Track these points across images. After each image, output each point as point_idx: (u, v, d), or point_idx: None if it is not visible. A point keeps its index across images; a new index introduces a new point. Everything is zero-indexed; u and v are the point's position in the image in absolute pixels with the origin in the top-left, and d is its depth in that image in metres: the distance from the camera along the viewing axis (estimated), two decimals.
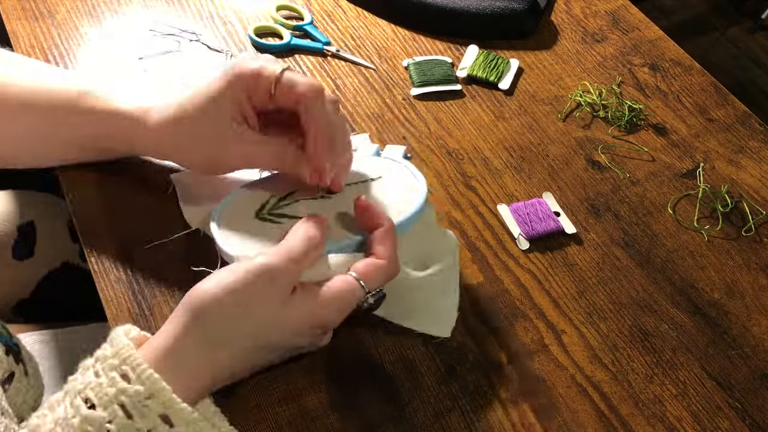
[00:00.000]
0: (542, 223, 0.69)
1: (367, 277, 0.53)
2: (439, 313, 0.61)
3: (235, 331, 0.48)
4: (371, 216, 0.55)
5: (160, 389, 0.44)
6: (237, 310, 0.48)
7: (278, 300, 0.50)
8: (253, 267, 0.49)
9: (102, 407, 0.44)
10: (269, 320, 0.50)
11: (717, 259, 0.69)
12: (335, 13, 0.88)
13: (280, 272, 0.49)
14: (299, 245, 0.51)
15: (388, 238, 0.54)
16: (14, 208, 0.79)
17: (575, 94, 0.81)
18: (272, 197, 0.59)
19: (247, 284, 0.48)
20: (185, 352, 0.47)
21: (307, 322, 0.51)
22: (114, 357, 0.46)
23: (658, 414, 0.59)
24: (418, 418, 0.57)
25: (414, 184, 0.61)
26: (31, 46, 0.79)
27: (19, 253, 0.78)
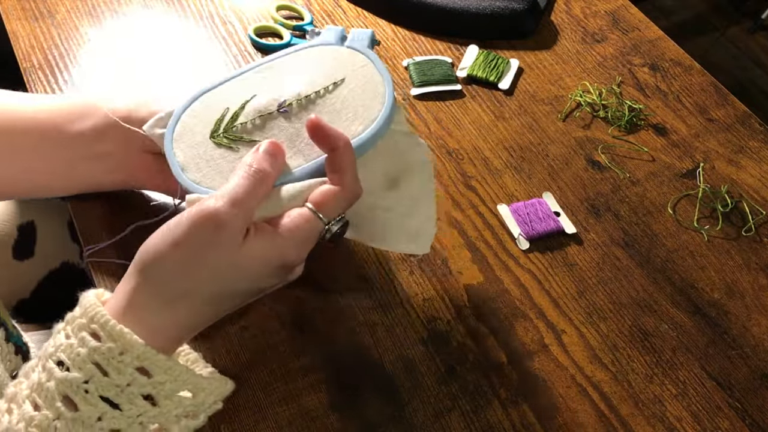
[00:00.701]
0: (542, 223, 0.69)
1: (323, 207, 0.50)
2: (415, 231, 0.58)
3: (188, 283, 0.47)
4: (324, 136, 0.51)
5: (132, 343, 0.43)
6: (185, 263, 0.46)
7: (228, 246, 0.47)
8: (197, 215, 0.46)
9: (77, 368, 0.43)
10: (223, 268, 0.47)
11: (717, 259, 0.69)
12: (335, 13, 0.88)
13: (225, 217, 0.47)
14: (245, 184, 0.48)
15: (344, 160, 0.51)
16: (14, 208, 0.79)
17: (575, 94, 0.81)
18: (227, 110, 0.55)
19: (191, 235, 0.46)
20: (144, 310, 0.46)
21: (266, 264, 0.49)
22: (82, 317, 0.45)
23: (658, 414, 0.59)
24: (418, 418, 0.57)
25: (380, 84, 0.55)
26: (31, 46, 0.79)
27: (19, 253, 0.78)
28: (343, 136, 0.51)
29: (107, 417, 0.43)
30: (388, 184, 0.56)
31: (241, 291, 0.50)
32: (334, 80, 0.56)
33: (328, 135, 0.51)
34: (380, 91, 0.55)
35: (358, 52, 0.58)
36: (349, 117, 0.54)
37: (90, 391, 0.43)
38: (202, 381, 0.47)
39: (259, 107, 0.55)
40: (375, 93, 0.55)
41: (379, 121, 0.54)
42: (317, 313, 0.62)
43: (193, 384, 0.47)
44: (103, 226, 0.65)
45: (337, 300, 0.63)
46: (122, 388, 0.43)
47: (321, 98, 0.55)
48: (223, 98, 0.56)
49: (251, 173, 0.49)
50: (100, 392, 0.43)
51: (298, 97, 0.55)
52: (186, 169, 0.53)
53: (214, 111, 0.55)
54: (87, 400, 0.43)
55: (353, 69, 0.56)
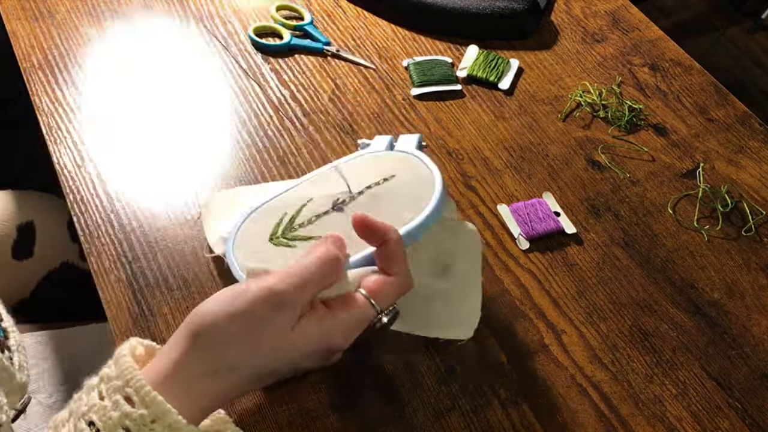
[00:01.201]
0: (542, 223, 0.69)
1: (377, 295, 0.50)
2: (463, 318, 0.58)
3: (237, 357, 0.46)
4: (372, 230, 0.51)
5: (164, 412, 0.43)
6: (239, 336, 0.46)
7: (286, 327, 0.47)
8: (260, 291, 0.46)
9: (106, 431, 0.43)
10: (275, 347, 0.47)
11: (717, 259, 0.69)
12: (335, 13, 0.88)
13: (289, 298, 0.46)
14: (313, 269, 0.48)
15: (395, 252, 0.51)
16: (14, 208, 0.79)
17: (575, 94, 0.81)
18: (285, 215, 0.58)
19: (253, 309, 0.46)
20: (187, 377, 0.45)
21: (315, 347, 0.49)
22: (118, 378, 0.44)
23: (658, 414, 0.59)
24: (418, 418, 0.57)
25: (428, 178, 0.57)
26: (31, 46, 0.79)
27: (19, 253, 0.78)
28: (392, 229, 0.51)
29: None
30: (439, 272, 0.57)
31: (282, 370, 0.50)
32: (384, 176, 0.59)
33: (376, 228, 0.51)
34: (430, 184, 0.57)
35: (407, 153, 0.60)
36: (400, 207, 0.56)
37: None
38: None
39: (315, 208, 0.58)
40: (425, 186, 0.57)
41: (430, 208, 0.55)
42: None
43: None
44: (104, 226, 0.65)
45: None
46: None
47: (372, 192, 0.58)
48: (282, 205, 0.59)
49: (324, 258, 0.49)
50: None
51: (351, 194, 0.58)
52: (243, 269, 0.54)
53: (273, 217, 0.58)
54: None
55: (402, 165, 0.59)
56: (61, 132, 0.72)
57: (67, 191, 0.67)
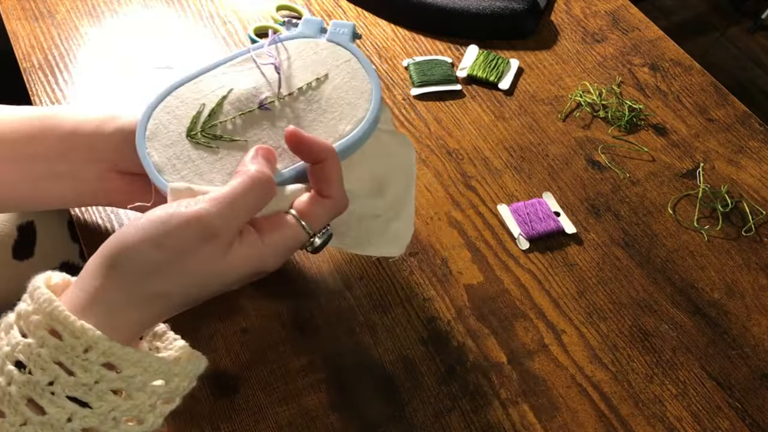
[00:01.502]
0: (542, 223, 0.69)
1: (309, 218, 0.48)
2: (397, 234, 0.56)
3: (163, 286, 0.43)
4: (307, 148, 0.48)
5: (96, 339, 0.41)
6: (165, 266, 0.43)
7: (216, 256, 0.44)
8: (188, 220, 0.43)
9: (39, 369, 0.41)
10: (205, 276, 0.45)
11: (717, 259, 0.69)
12: (335, 13, 0.88)
13: (219, 227, 0.44)
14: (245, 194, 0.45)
15: (331, 171, 0.48)
16: None
17: (575, 94, 0.81)
18: (203, 107, 0.52)
19: (180, 240, 0.43)
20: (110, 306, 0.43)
21: (248, 270, 0.47)
22: (37, 312, 0.42)
23: (658, 414, 0.59)
24: (418, 418, 0.57)
25: (365, 80, 0.53)
26: (31, 46, 0.79)
27: (19, 253, 0.77)
28: (329, 147, 0.48)
29: (77, 417, 0.41)
30: (375, 189, 0.54)
31: (214, 292, 0.47)
32: (317, 76, 0.53)
33: (312, 146, 0.48)
34: (366, 88, 0.52)
35: (340, 47, 0.55)
36: (335, 116, 0.51)
37: (56, 392, 0.41)
38: (174, 367, 0.44)
39: (239, 104, 0.52)
40: (361, 90, 0.52)
41: (367, 121, 0.51)
42: (317, 313, 0.62)
43: (165, 372, 0.44)
44: (104, 226, 0.65)
45: (337, 300, 0.63)
46: (90, 386, 0.41)
47: (303, 95, 0.53)
48: (198, 93, 0.53)
49: (256, 180, 0.46)
50: (67, 393, 0.41)
51: (279, 95, 0.52)
52: (162, 171, 0.50)
53: (189, 107, 0.52)
54: (54, 402, 0.41)
55: (336, 64, 0.54)
56: None
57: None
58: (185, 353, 0.47)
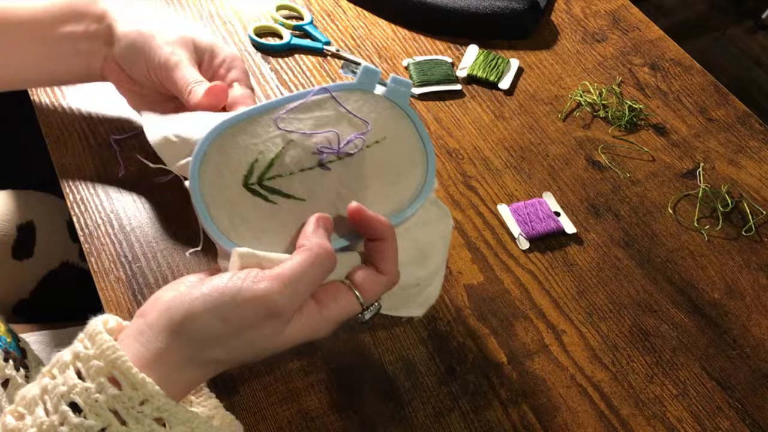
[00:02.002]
0: (542, 223, 0.69)
1: (365, 291, 0.49)
2: (426, 299, 0.57)
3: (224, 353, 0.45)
4: (369, 225, 0.49)
5: (153, 394, 0.42)
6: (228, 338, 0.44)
7: (277, 332, 0.46)
8: (254, 299, 0.44)
9: (93, 414, 0.42)
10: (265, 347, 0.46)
11: (717, 259, 0.69)
12: (335, 13, 0.88)
13: (283, 307, 0.44)
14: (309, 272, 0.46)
15: (389, 251, 0.49)
16: (14, 208, 0.79)
17: (575, 94, 0.81)
18: (261, 154, 0.50)
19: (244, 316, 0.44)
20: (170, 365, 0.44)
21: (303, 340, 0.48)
22: (99, 358, 0.43)
23: (659, 414, 0.59)
24: (418, 418, 0.57)
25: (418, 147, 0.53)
26: None
27: (18, 253, 0.78)
28: (389, 227, 0.49)
29: None
30: (418, 259, 0.54)
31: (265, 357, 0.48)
32: (376, 138, 0.52)
33: (374, 224, 0.49)
34: (421, 156, 0.53)
35: (399, 109, 0.54)
36: (390, 181, 0.52)
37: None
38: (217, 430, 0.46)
39: (298, 158, 0.50)
40: (415, 158, 0.53)
41: (423, 195, 0.52)
42: None
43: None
44: (104, 226, 0.65)
45: None
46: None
47: (360, 155, 0.52)
48: (254, 137, 0.50)
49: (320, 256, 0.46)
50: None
51: (340, 155, 0.51)
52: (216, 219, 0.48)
53: (245, 151, 0.50)
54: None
55: (394, 126, 0.53)
56: (61, 132, 0.72)
57: (67, 191, 0.67)
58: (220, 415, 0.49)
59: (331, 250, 0.47)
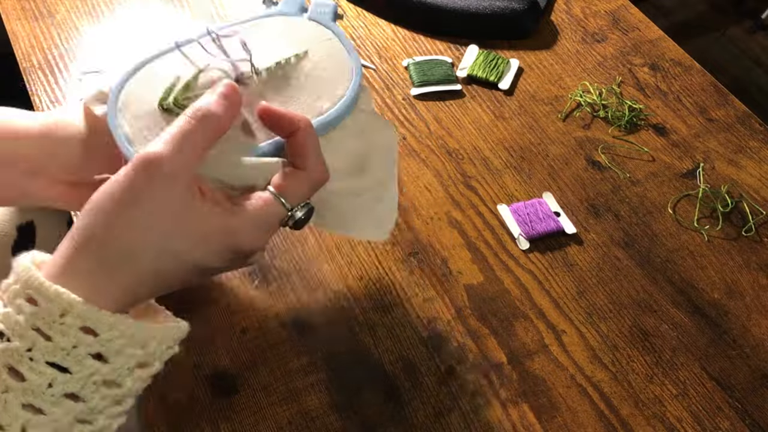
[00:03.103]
0: (542, 223, 0.69)
1: (287, 191, 0.46)
2: (381, 217, 0.56)
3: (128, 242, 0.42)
4: (281, 121, 0.47)
5: (71, 303, 0.40)
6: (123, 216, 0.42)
7: (168, 192, 0.43)
8: (134, 161, 0.42)
9: (17, 336, 0.41)
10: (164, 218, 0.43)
11: (717, 259, 0.69)
12: None
13: (164, 160, 0.42)
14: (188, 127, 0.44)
15: (306, 143, 0.47)
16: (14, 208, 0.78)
17: (575, 94, 0.81)
18: (178, 79, 0.50)
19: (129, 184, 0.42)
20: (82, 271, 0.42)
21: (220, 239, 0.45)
22: (15, 282, 0.42)
23: (658, 414, 0.59)
24: (418, 418, 0.57)
25: (345, 60, 0.52)
26: (31, 46, 0.79)
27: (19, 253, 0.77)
28: (303, 118, 0.47)
29: (58, 382, 0.41)
30: (356, 167, 0.53)
31: (187, 260, 0.45)
32: (296, 52, 0.52)
33: (284, 119, 0.47)
34: (346, 67, 0.52)
35: (321, 25, 0.54)
36: (314, 93, 0.50)
37: (35, 358, 0.40)
38: (152, 330, 0.44)
39: (216, 78, 0.50)
40: (341, 69, 0.52)
41: (346, 98, 0.50)
42: (317, 313, 0.62)
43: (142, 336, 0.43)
44: None
45: (337, 300, 0.63)
46: (68, 351, 0.41)
47: (282, 70, 0.51)
48: (174, 66, 0.51)
49: (198, 115, 0.45)
50: (46, 358, 0.40)
51: (257, 70, 0.51)
52: (133, 142, 0.48)
53: (164, 79, 0.50)
54: (33, 368, 0.40)
55: (317, 42, 0.53)
56: None
57: None
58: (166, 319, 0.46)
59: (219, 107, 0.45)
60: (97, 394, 0.42)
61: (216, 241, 0.45)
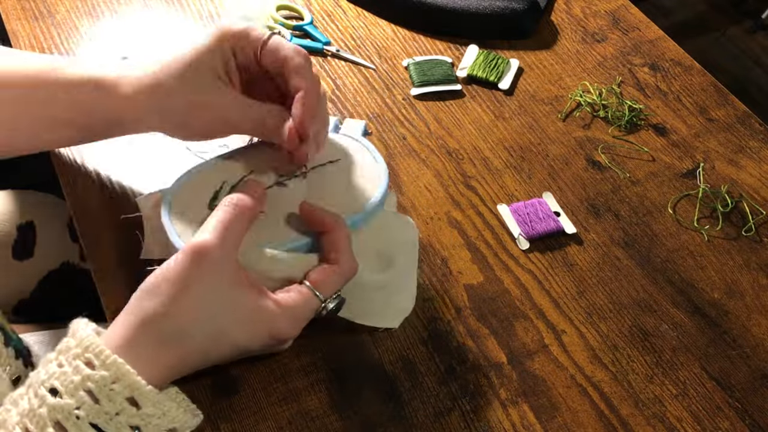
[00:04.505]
0: (542, 223, 0.69)
1: (321, 285, 0.52)
2: (398, 307, 0.60)
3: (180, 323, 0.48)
4: (319, 219, 0.53)
5: (124, 373, 0.44)
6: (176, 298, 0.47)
7: (220, 283, 0.48)
8: (184, 250, 0.48)
9: (68, 395, 0.44)
10: (216, 307, 0.48)
11: (717, 259, 0.69)
12: (335, 13, 0.88)
13: (211, 250, 0.48)
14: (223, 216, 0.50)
15: (340, 241, 0.53)
16: (14, 208, 0.79)
17: (575, 94, 0.81)
18: (225, 183, 0.57)
19: (182, 270, 0.47)
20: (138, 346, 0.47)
21: (263, 326, 0.51)
22: (77, 347, 0.45)
23: (658, 414, 0.59)
24: (418, 418, 0.57)
25: (374, 168, 0.59)
26: (31, 46, 0.79)
27: (18, 253, 0.78)
28: (338, 217, 0.53)
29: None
30: (381, 264, 0.58)
31: (231, 341, 0.50)
32: (330, 159, 0.59)
33: (322, 216, 0.53)
34: (375, 174, 0.58)
35: (352, 139, 0.61)
36: (344, 193, 0.57)
37: (81, 417, 0.44)
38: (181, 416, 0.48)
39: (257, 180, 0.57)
40: (370, 175, 0.58)
41: (376, 198, 0.57)
42: None
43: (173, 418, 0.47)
44: (104, 227, 0.65)
45: None
46: (111, 416, 0.44)
47: (318, 174, 0.58)
48: (221, 173, 0.57)
49: (233, 204, 0.51)
50: (90, 419, 0.44)
51: (295, 172, 0.58)
52: (182, 236, 0.53)
53: (213, 184, 0.56)
54: (77, 426, 0.44)
55: (349, 152, 0.60)
56: None
57: (67, 191, 0.67)
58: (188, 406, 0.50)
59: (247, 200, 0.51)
60: None
61: (260, 328, 0.51)
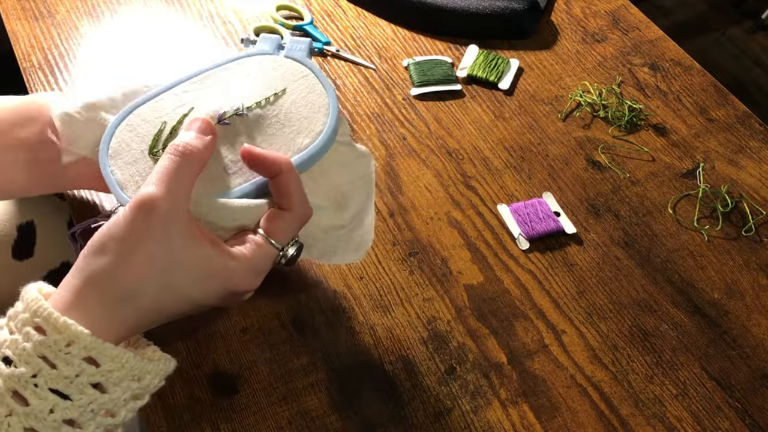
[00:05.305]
0: (542, 223, 0.69)
1: (276, 232, 0.49)
2: (360, 242, 0.58)
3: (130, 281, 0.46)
4: (263, 163, 0.49)
5: (77, 334, 0.43)
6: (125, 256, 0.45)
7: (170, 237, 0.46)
8: (130, 204, 0.45)
9: (23, 363, 0.43)
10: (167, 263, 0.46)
11: (717, 259, 0.69)
12: (335, 13, 0.88)
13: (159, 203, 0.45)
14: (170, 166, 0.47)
15: (289, 183, 0.49)
16: (14, 208, 0.79)
17: (575, 94, 0.81)
18: (165, 125, 0.53)
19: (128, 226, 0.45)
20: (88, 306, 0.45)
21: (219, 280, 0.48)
22: (24, 311, 0.44)
23: (658, 414, 0.59)
24: (418, 418, 0.57)
25: (322, 95, 0.54)
26: (31, 46, 0.79)
27: (18, 253, 0.78)
28: (284, 159, 0.50)
29: (59, 408, 0.43)
30: (338, 201, 0.55)
31: (185, 296, 0.48)
32: (274, 91, 0.55)
33: (267, 160, 0.49)
34: (323, 102, 0.54)
35: (297, 62, 0.56)
36: (293, 130, 0.53)
37: (39, 384, 0.43)
38: (148, 365, 0.47)
39: None
40: (318, 104, 0.54)
41: (325, 134, 0.53)
42: (317, 313, 0.62)
43: (139, 369, 0.46)
44: None
45: (337, 300, 0.63)
46: (71, 379, 0.43)
47: (262, 109, 0.54)
48: (160, 111, 0.54)
49: (179, 152, 0.48)
50: (49, 385, 0.43)
51: (238, 110, 0.53)
52: (125, 188, 0.51)
53: (151, 125, 0.53)
54: (37, 393, 0.43)
55: (294, 79, 0.55)
56: None
57: (67, 191, 0.67)
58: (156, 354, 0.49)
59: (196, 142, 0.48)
60: (93, 422, 0.44)
61: (215, 282, 0.48)
